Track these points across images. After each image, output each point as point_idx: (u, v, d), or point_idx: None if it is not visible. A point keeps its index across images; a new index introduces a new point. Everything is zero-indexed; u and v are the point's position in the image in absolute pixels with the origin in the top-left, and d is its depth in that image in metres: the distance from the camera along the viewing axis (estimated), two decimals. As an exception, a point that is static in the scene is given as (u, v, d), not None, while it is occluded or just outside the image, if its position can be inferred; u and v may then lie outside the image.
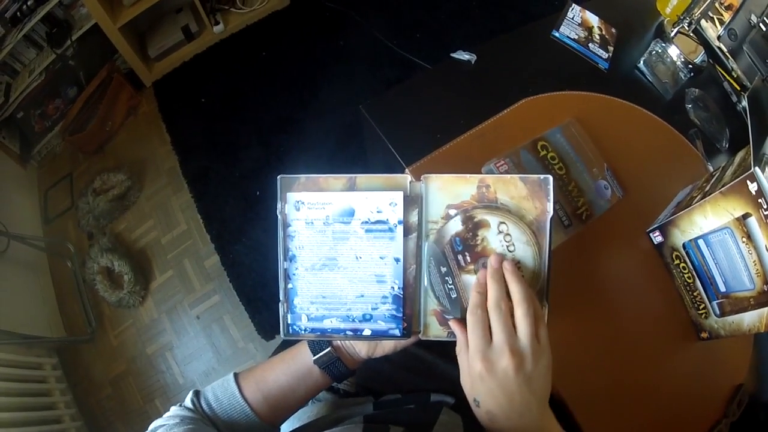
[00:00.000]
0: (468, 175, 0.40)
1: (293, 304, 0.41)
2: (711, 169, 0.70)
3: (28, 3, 1.42)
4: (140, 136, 1.49)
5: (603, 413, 0.50)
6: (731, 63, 0.83)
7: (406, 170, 0.60)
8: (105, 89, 1.50)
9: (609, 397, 0.55)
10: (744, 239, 0.54)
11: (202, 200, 1.36)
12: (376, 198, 0.39)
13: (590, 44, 0.83)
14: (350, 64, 1.46)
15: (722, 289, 0.59)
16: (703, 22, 0.82)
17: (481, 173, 0.54)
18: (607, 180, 0.66)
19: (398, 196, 0.39)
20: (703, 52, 0.83)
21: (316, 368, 0.44)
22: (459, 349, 0.39)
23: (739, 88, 0.80)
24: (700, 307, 0.63)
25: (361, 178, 0.40)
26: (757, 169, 0.50)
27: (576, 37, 0.83)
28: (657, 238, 0.67)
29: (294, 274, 0.40)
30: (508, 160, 0.61)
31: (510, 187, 0.40)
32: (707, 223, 0.58)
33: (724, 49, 0.81)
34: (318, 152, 1.38)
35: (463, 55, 0.72)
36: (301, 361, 0.45)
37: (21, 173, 1.64)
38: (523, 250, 0.39)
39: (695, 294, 0.63)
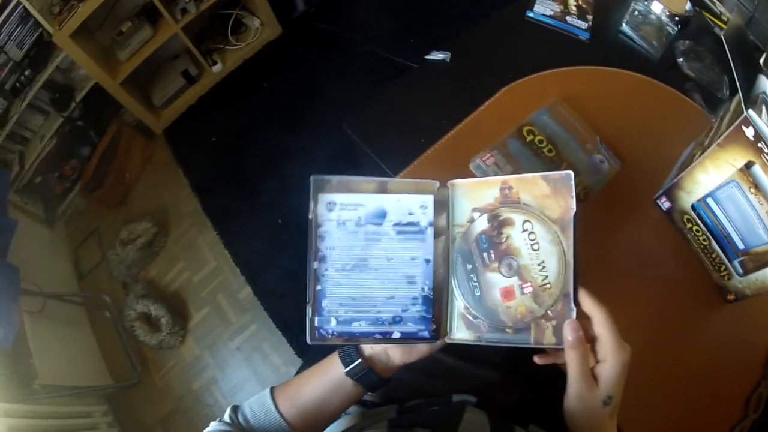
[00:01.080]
0: (490, 179, 0.42)
1: (321, 307, 0.41)
2: (714, 121, 0.67)
3: (26, 73, 1.50)
4: (159, 183, 1.57)
5: (633, 397, 0.48)
6: (718, 6, 0.83)
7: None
8: (117, 143, 1.59)
9: (639, 378, 0.50)
10: (752, 190, 0.52)
11: (227, 236, 1.43)
12: (408, 200, 0.41)
13: (568, 17, 0.81)
14: (350, 80, 1.52)
15: (740, 246, 0.57)
16: (682, -31, 0.81)
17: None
18: (602, 153, 0.65)
19: (429, 200, 0.41)
20: (688, 1, 0.81)
21: (349, 380, 0.45)
22: (579, 371, 0.40)
23: (730, 30, 0.80)
24: (722, 269, 0.61)
25: (393, 183, 0.42)
26: (750, 111, 0.47)
27: (552, 12, 0.81)
28: (665, 204, 0.65)
29: (324, 275, 0.41)
30: (495, 152, 0.61)
31: (532, 187, 0.40)
32: (711, 179, 0.56)
33: (708, -8, 0.80)
34: (330, 172, 1.46)
35: (437, 56, 0.73)
36: (333, 373, 0.46)
37: (49, 234, 1.74)
38: (548, 249, 0.39)
39: (714, 256, 0.61)
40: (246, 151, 1.52)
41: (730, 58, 0.52)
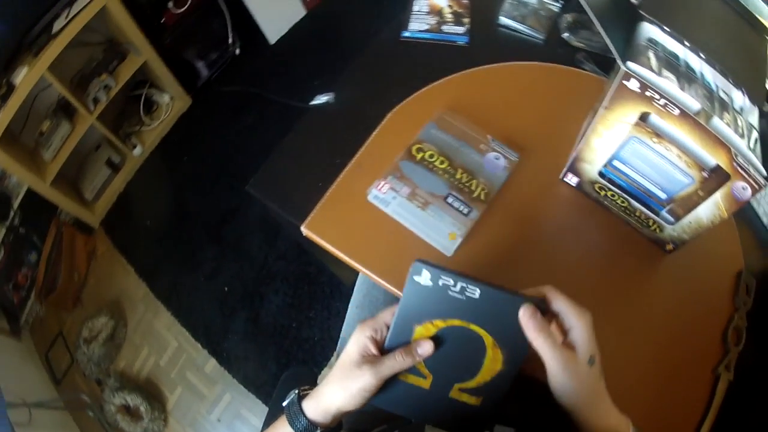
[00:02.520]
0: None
1: None
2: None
3: None
4: (107, 275, 1.62)
5: (611, 376, 0.47)
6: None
7: (304, 230, 0.62)
8: (60, 244, 1.66)
9: (611, 355, 0.47)
10: (654, 139, 0.52)
11: (181, 314, 1.49)
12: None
13: (443, 27, 0.82)
14: (263, 134, 1.60)
15: (663, 196, 0.57)
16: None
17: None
18: (496, 150, 0.67)
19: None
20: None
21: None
22: (555, 353, 0.41)
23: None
24: (650, 224, 0.62)
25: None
26: (629, 64, 0.48)
27: (427, 26, 0.82)
28: (572, 180, 0.66)
29: None
30: (389, 178, 0.63)
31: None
32: (609, 143, 0.57)
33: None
34: (263, 230, 1.52)
35: (321, 99, 0.76)
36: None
37: (18, 346, 1.81)
38: None
39: (638, 214, 0.62)
40: (181, 226, 1.59)
41: (591, 15, 0.50)
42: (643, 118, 0.51)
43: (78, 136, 1.56)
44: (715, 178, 0.51)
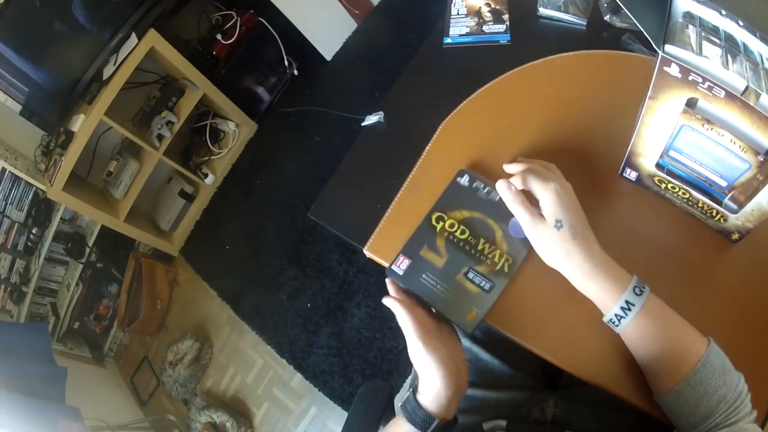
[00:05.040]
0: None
1: None
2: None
3: (34, 231, 1.75)
4: (190, 301, 1.79)
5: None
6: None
7: (366, 252, 0.64)
8: (140, 275, 1.79)
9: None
10: (706, 126, 0.51)
11: (266, 333, 1.64)
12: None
13: (484, 27, 0.83)
14: (335, 151, 1.72)
15: (723, 184, 0.56)
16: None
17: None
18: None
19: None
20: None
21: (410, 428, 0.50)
22: (525, 216, 0.52)
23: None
24: (715, 214, 0.61)
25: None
26: (666, 47, 0.47)
27: (468, 29, 0.83)
28: (631, 174, 0.65)
29: None
30: (411, 252, 0.61)
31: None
32: (660, 134, 0.56)
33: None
34: (340, 246, 1.65)
35: (372, 119, 0.79)
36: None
37: (102, 372, 2.02)
38: None
39: (701, 205, 0.61)
40: (259, 249, 1.73)
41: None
42: (691, 104, 0.50)
43: (146, 172, 1.72)
44: None
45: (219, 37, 1.81)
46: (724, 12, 0.51)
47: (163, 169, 1.83)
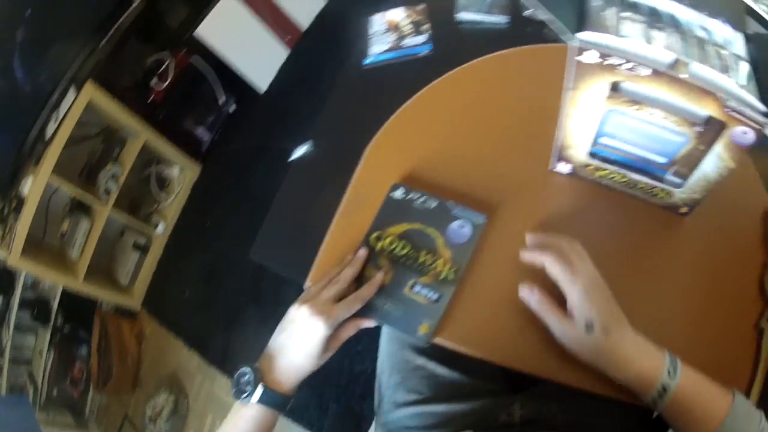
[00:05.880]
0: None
1: None
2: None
3: None
4: (159, 353, 1.77)
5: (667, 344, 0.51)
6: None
7: (306, 284, 0.63)
8: (107, 333, 1.81)
9: (647, 326, 0.52)
10: (633, 107, 0.50)
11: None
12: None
13: (404, 41, 0.82)
14: (278, 185, 1.78)
15: (663, 161, 0.56)
16: None
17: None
18: (458, 217, 0.63)
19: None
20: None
21: (264, 412, 0.53)
22: (545, 306, 0.51)
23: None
24: (657, 193, 0.61)
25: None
26: (579, 35, 0.46)
27: (388, 46, 0.82)
28: (565, 167, 0.65)
29: None
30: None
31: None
32: (586, 123, 0.55)
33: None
34: None
35: (300, 151, 0.78)
36: (251, 416, 0.53)
37: None
38: None
39: (641, 186, 0.61)
40: (219, 290, 1.73)
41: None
42: (615, 87, 0.50)
43: (98, 229, 1.71)
44: (711, 128, 0.48)
45: (154, 81, 1.80)
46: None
47: (115, 223, 1.83)
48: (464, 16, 0.83)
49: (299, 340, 0.55)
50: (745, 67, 0.47)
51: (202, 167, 1.92)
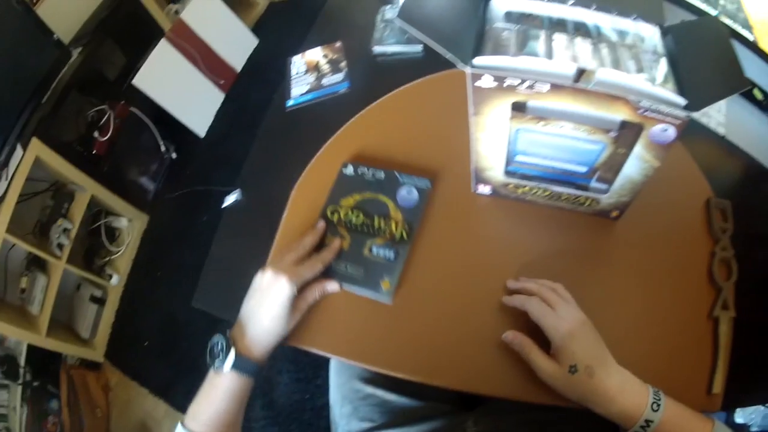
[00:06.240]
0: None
1: None
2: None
3: None
4: (126, 403, 1.80)
5: (626, 356, 0.52)
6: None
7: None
8: (74, 387, 1.88)
9: (605, 334, 0.53)
10: (540, 123, 0.50)
11: None
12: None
13: (323, 80, 0.86)
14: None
15: (583, 170, 0.56)
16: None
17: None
18: (405, 184, 0.71)
19: None
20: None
21: (237, 379, 0.54)
22: (529, 350, 0.52)
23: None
24: (583, 202, 0.61)
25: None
26: (473, 61, 0.45)
27: (308, 87, 0.85)
28: (485, 189, 0.67)
29: None
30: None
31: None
32: (496, 145, 0.55)
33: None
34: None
35: (230, 199, 0.83)
36: (225, 385, 0.55)
37: None
38: None
39: (564, 198, 0.61)
40: (177, 336, 1.77)
41: (420, 36, 0.46)
42: (518, 107, 0.49)
43: (56, 284, 1.74)
44: (628, 131, 0.48)
45: (96, 134, 1.83)
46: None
47: (71, 276, 1.85)
48: (378, 49, 0.86)
49: (266, 303, 0.57)
50: (663, 63, 0.46)
51: (150, 216, 1.95)
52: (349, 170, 0.73)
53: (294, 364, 1.60)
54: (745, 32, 0.80)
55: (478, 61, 0.45)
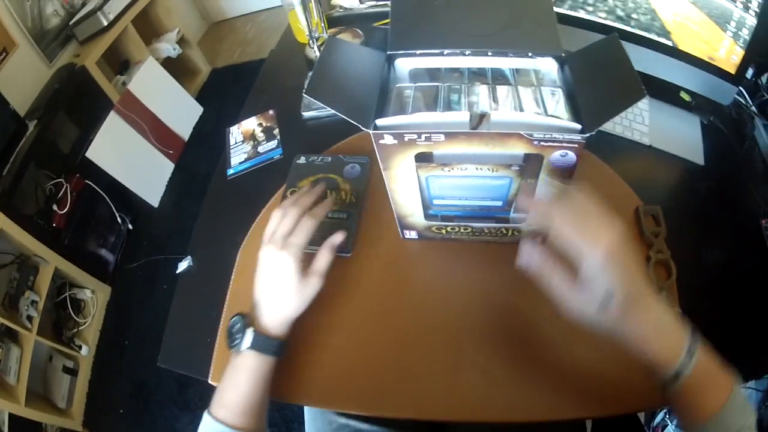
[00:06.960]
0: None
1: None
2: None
3: None
4: None
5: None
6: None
7: (213, 383, 0.68)
8: None
9: (558, 358, 0.55)
10: (447, 168, 0.54)
11: None
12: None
13: (259, 147, 0.90)
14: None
15: (499, 204, 0.60)
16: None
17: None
18: (349, 162, 0.86)
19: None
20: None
21: (257, 358, 0.55)
22: (550, 275, 0.44)
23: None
24: (506, 232, 0.64)
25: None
26: (375, 123, 0.49)
27: (246, 155, 0.90)
28: (412, 234, 0.71)
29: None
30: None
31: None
32: (411, 193, 0.59)
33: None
34: None
35: (182, 266, 0.84)
36: (246, 365, 0.55)
37: None
38: None
39: (487, 232, 0.64)
40: (149, 404, 1.83)
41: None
42: (425, 157, 0.53)
43: (28, 354, 1.79)
44: (530, 163, 0.51)
45: (55, 207, 1.89)
46: (443, 50, 0.54)
47: (42, 348, 1.92)
48: (307, 114, 0.93)
49: (275, 279, 0.58)
50: (559, 93, 0.50)
51: (112, 287, 2.02)
52: (302, 160, 0.88)
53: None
54: (662, 40, 0.81)
55: (380, 122, 0.49)
